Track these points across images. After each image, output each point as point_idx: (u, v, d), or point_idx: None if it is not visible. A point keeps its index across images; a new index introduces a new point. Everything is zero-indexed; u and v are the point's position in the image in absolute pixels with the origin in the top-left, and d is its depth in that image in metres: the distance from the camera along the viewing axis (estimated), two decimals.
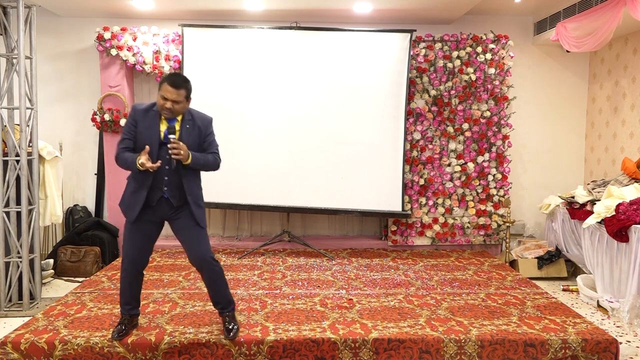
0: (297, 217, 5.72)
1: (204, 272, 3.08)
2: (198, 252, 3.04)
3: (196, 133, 3.04)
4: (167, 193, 3.01)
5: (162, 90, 2.91)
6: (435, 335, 3.14)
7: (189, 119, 3.03)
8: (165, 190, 3.00)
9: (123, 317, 3.15)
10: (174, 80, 2.91)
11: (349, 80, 5.11)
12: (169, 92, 2.88)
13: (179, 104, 2.93)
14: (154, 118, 2.99)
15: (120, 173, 5.36)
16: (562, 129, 5.82)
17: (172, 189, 3.01)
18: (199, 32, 5.13)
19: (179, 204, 3.04)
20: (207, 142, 3.10)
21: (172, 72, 2.92)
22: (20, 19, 3.81)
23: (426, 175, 5.39)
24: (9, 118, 3.95)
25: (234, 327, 3.10)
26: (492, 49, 5.32)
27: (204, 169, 3.09)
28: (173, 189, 3.01)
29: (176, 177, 2.99)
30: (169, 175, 2.98)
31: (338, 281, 4.31)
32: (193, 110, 3.08)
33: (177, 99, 2.90)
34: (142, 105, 3.04)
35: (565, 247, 4.88)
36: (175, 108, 2.92)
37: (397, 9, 5.09)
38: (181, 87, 2.91)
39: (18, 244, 3.93)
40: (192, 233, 3.06)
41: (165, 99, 2.90)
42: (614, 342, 3.12)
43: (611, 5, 4.21)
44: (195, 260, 3.05)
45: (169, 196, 3.01)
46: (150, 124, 2.98)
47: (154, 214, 3.05)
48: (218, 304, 3.16)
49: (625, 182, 4.44)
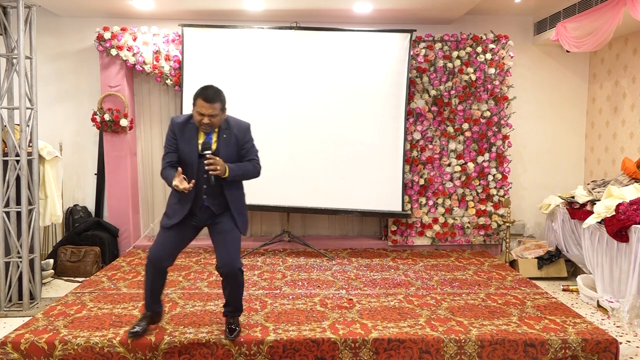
0: (297, 217, 5.73)
1: (227, 280, 3.06)
2: (227, 260, 3.01)
3: (233, 142, 3.03)
4: (206, 201, 3.02)
5: (197, 106, 2.89)
6: (435, 335, 3.14)
7: (225, 128, 3.01)
8: (204, 198, 3.01)
9: (145, 314, 3.16)
10: (207, 94, 2.88)
11: (349, 80, 5.12)
12: (204, 107, 2.87)
13: (216, 117, 2.92)
14: (191, 131, 2.98)
15: (120, 173, 5.40)
16: (562, 129, 5.82)
17: (212, 197, 3.02)
18: (199, 32, 5.13)
19: (219, 211, 3.05)
20: (246, 149, 3.09)
21: (205, 86, 2.93)
22: (20, 19, 3.81)
23: (426, 175, 5.40)
24: (9, 118, 3.95)
25: (236, 329, 3.10)
26: (492, 49, 5.32)
27: (244, 178, 3.09)
28: (213, 197, 3.02)
29: (217, 186, 2.99)
30: (208, 184, 2.96)
31: (338, 281, 4.31)
32: (230, 118, 3.06)
33: (213, 112, 2.89)
34: (179, 118, 3.04)
35: (565, 247, 4.88)
36: (212, 122, 2.91)
37: (397, 9, 5.09)
38: (215, 101, 2.89)
39: (18, 244, 3.93)
40: (226, 239, 3.04)
41: (201, 115, 2.89)
42: (614, 342, 3.12)
43: (611, 5, 4.21)
44: (222, 266, 3.02)
45: (209, 204, 3.02)
46: (189, 137, 2.98)
47: (195, 219, 3.06)
48: (228, 306, 3.16)
49: (625, 182, 4.44)
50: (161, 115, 5.63)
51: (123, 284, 4.18)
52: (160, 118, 5.63)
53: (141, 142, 5.67)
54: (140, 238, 5.65)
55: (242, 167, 3.04)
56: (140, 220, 5.71)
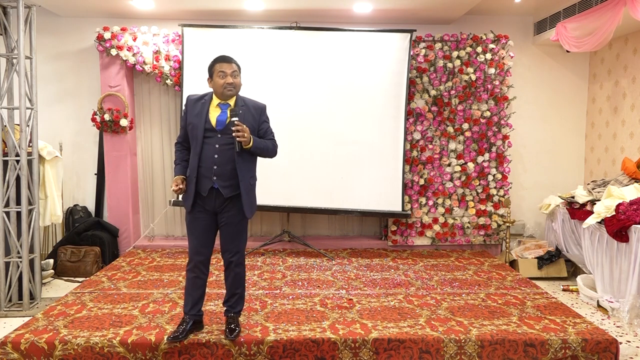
0: (297, 217, 5.72)
1: (229, 271, 3.10)
2: (231, 251, 3.06)
3: (250, 119, 3.02)
4: (216, 183, 2.96)
5: (216, 69, 2.94)
6: (435, 335, 3.14)
7: (241, 104, 3.02)
8: (214, 180, 2.95)
9: (184, 318, 3.11)
10: (224, 57, 2.97)
11: (349, 80, 5.12)
12: (227, 67, 2.93)
13: (237, 77, 2.97)
14: (203, 106, 2.99)
15: (120, 173, 5.40)
16: (562, 129, 5.82)
17: (222, 179, 2.96)
18: (199, 32, 5.13)
19: (230, 194, 2.99)
20: (263, 129, 3.09)
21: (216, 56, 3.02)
22: (20, 19, 3.81)
23: (426, 175, 5.39)
24: (9, 118, 3.95)
25: (236, 329, 3.10)
26: (492, 49, 5.32)
27: (263, 153, 3.07)
28: (224, 179, 2.96)
29: (227, 166, 2.95)
30: (218, 164, 2.94)
31: (338, 281, 4.31)
32: (245, 98, 3.08)
33: (234, 69, 2.95)
34: (194, 95, 3.07)
35: (565, 247, 4.88)
36: (235, 82, 2.95)
37: (397, 9, 5.09)
38: (233, 61, 2.97)
39: (18, 244, 3.93)
40: (233, 230, 3.05)
41: (224, 74, 2.92)
42: (614, 342, 3.12)
43: (611, 5, 4.21)
44: (227, 257, 3.07)
45: (219, 186, 2.96)
46: (199, 111, 2.98)
47: (206, 204, 3.01)
48: (228, 302, 3.17)
49: (625, 182, 4.44)
50: (161, 115, 5.63)
51: (123, 284, 4.18)
52: (160, 118, 5.63)
53: (141, 142, 5.67)
54: (140, 238, 5.65)
55: (264, 142, 3.05)
56: (140, 220, 5.71)
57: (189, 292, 3.11)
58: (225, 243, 3.08)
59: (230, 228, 3.05)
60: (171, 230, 5.76)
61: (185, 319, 3.10)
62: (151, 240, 5.60)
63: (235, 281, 3.12)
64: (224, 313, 3.20)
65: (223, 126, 2.95)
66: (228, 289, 3.15)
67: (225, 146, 2.94)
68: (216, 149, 2.94)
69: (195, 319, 3.13)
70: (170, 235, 5.76)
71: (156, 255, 5.12)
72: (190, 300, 3.10)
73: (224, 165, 2.94)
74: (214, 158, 2.94)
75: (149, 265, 4.76)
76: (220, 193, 2.97)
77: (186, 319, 3.10)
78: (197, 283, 3.10)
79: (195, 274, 3.08)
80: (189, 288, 3.11)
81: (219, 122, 2.96)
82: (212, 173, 2.94)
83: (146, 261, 4.91)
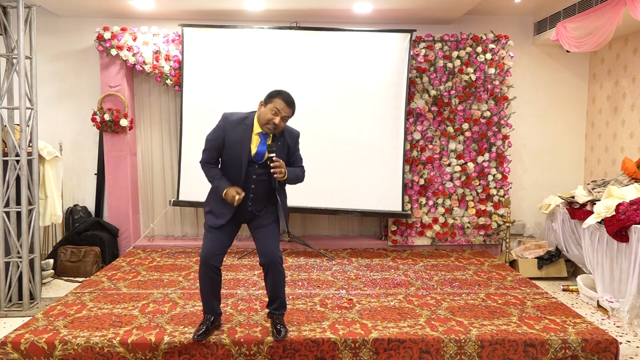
0: (297, 217, 5.72)
1: (269, 272, 3.10)
2: (269, 252, 3.07)
3: (285, 149, 3.07)
4: (251, 207, 3.06)
5: (274, 104, 2.89)
6: (435, 335, 3.14)
7: (279, 135, 3.03)
8: (249, 204, 3.04)
9: (205, 317, 3.16)
10: (288, 97, 2.92)
11: (349, 81, 5.11)
12: (284, 109, 2.90)
13: (285, 121, 2.96)
14: (245, 132, 2.97)
15: (120, 173, 5.40)
16: (562, 129, 5.82)
17: (257, 205, 3.07)
18: (199, 32, 5.13)
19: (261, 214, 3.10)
20: (295, 156, 3.15)
21: (281, 90, 2.96)
22: (20, 19, 3.81)
23: (426, 175, 5.39)
24: (9, 118, 3.95)
25: (282, 329, 3.11)
26: (492, 49, 5.32)
27: (293, 182, 3.14)
28: (258, 204, 3.07)
29: (262, 194, 3.04)
30: (254, 192, 3.02)
31: (338, 281, 4.31)
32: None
33: (288, 115, 2.94)
34: (233, 116, 3.02)
35: (565, 247, 4.88)
36: (281, 126, 2.94)
37: (397, 9, 5.09)
38: (293, 107, 2.95)
39: (18, 244, 3.93)
40: (267, 232, 3.09)
41: (276, 114, 2.89)
42: (614, 342, 3.12)
43: (611, 5, 4.21)
44: (264, 258, 3.08)
45: (253, 209, 3.07)
46: (242, 138, 2.96)
47: (237, 218, 3.09)
48: (273, 304, 3.18)
49: (625, 182, 4.44)
50: (161, 115, 5.63)
51: (123, 284, 4.18)
52: (160, 118, 5.63)
53: (141, 142, 5.67)
54: (140, 238, 5.65)
55: (295, 171, 3.11)
56: (140, 220, 5.71)
57: (208, 293, 3.13)
58: (261, 246, 3.10)
59: (263, 231, 3.10)
60: (171, 230, 5.75)
61: (208, 317, 3.15)
62: (151, 240, 5.60)
63: (276, 282, 3.13)
64: (268, 315, 3.22)
65: (262, 159, 2.98)
66: (270, 290, 3.16)
67: (261, 176, 2.99)
68: (253, 179, 2.99)
69: (215, 317, 3.18)
70: (170, 235, 5.76)
71: (156, 255, 5.12)
72: (209, 300, 3.14)
73: (260, 192, 3.04)
74: (251, 187, 3.00)
75: (149, 265, 4.76)
76: (254, 213, 3.08)
77: (208, 317, 3.15)
78: (215, 283, 3.13)
79: (211, 276, 3.10)
80: (207, 289, 3.13)
81: (258, 153, 2.98)
82: (249, 200, 3.03)
83: (146, 261, 4.91)
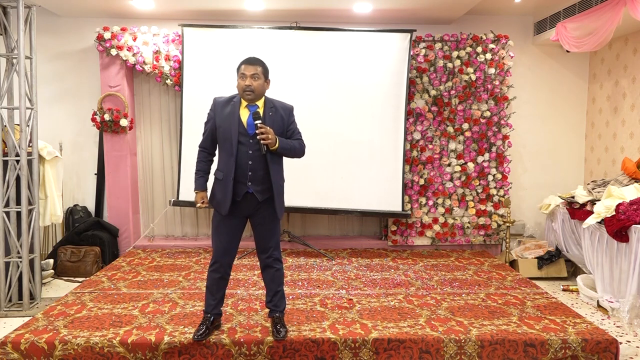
0: (297, 217, 5.72)
1: (268, 270, 3.13)
2: (267, 250, 3.10)
3: (279, 121, 3.04)
4: (251, 188, 2.99)
5: (239, 70, 2.96)
6: (435, 335, 3.14)
7: (270, 106, 3.04)
8: (249, 185, 2.98)
9: (205, 316, 3.16)
10: (248, 58, 2.98)
11: (349, 80, 5.11)
12: (247, 69, 2.94)
13: (257, 80, 2.95)
14: (234, 108, 2.99)
15: (120, 173, 5.40)
16: (562, 129, 5.82)
17: (256, 184, 2.99)
18: (199, 32, 5.13)
19: (263, 198, 3.03)
20: (291, 130, 3.11)
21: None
22: (20, 19, 3.81)
23: (426, 175, 5.39)
24: (9, 118, 3.95)
25: (282, 329, 3.12)
26: (492, 49, 5.32)
27: (290, 154, 3.08)
28: (257, 184, 3.00)
29: (260, 171, 2.98)
30: (253, 170, 2.97)
31: (338, 281, 4.31)
32: (274, 100, 3.10)
33: (255, 72, 2.93)
34: (221, 98, 3.07)
35: (565, 247, 4.88)
36: (254, 85, 2.93)
37: (397, 9, 5.09)
38: (256, 63, 2.97)
39: (18, 244, 3.93)
40: (267, 230, 3.09)
41: (244, 77, 2.93)
42: (614, 342, 3.12)
43: (611, 5, 4.21)
44: (262, 257, 3.11)
45: (253, 191, 3.00)
46: (229, 113, 2.98)
47: (240, 209, 3.04)
48: (271, 302, 3.19)
49: (625, 182, 4.44)
50: (161, 115, 5.63)
51: (123, 284, 4.18)
52: (160, 118, 5.63)
53: (141, 142, 5.67)
54: (140, 238, 5.65)
55: (290, 142, 3.06)
56: (140, 220, 5.71)
57: (213, 292, 3.14)
58: (261, 243, 3.13)
59: (264, 228, 3.09)
60: (171, 230, 5.75)
61: (208, 317, 3.14)
62: (151, 240, 5.60)
63: (274, 279, 3.15)
64: (269, 314, 3.22)
65: (254, 130, 2.95)
66: (269, 288, 3.18)
67: (257, 152, 2.97)
68: (250, 155, 2.97)
69: (215, 317, 3.19)
70: (170, 235, 5.76)
71: (156, 255, 5.12)
72: (213, 299, 3.15)
73: (258, 170, 2.99)
74: (249, 164, 2.97)
75: (149, 265, 4.76)
76: (255, 197, 3.02)
77: (209, 317, 3.14)
78: (222, 283, 3.15)
79: (221, 274, 3.11)
80: (213, 288, 3.13)
81: (249, 125, 2.98)
82: (247, 179, 2.98)
83: (146, 261, 4.91)
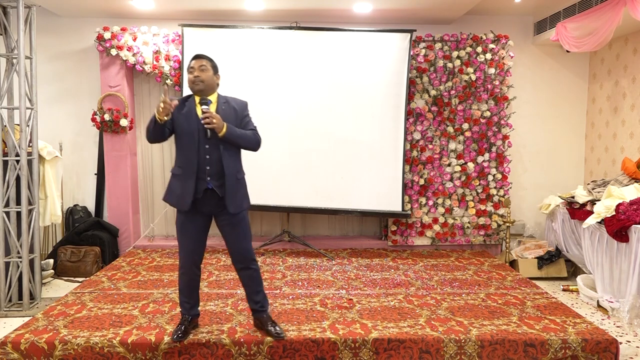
0: (297, 217, 5.73)
1: (244, 273, 3.12)
2: (240, 252, 3.08)
3: (232, 114, 3.04)
4: (210, 183, 2.97)
5: (188, 69, 2.99)
6: (435, 335, 3.14)
7: (223, 101, 3.05)
8: (208, 180, 2.96)
9: (183, 317, 3.16)
10: (195, 55, 3.02)
11: (349, 80, 5.11)
12: (194, 64, 2.97)
13: (205, 72, 2.96)
14: (189, 104, 3.01)
15: (120, 173, 5.40)
16: (562, 129, 5.82)
17: (215, 178, 2.96)
18: (199, 32, 5.13)
19: (224, 193, 2.99)
20: (244, 122, 3.10)
21: None
22: (20, 19, 3.81)
23: (426, 175, 5.40)
24: (9, 118, 3.95)
25: (276, 326, 3.14)
26: (492, 49, 5.32)
27: (242, 142, 3.03)
28: (217, 178, 2.97)
29: (218, 164, 2.96)
30: (210, 164, 2.95)
31: (338, 281, 4.31)
32: (228, 96, 3.11)
33: (202, 64, 2.95)
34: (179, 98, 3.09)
35: (565, 247, 4.88)
36: (203, 77, 2.94)
37: (397, 9, 5.09)
38: (203, 57, 3.00)
39: (18, 244, 3.93)
40: (234, 231, 3.06)
41: (192, 72, 2.96)
42: (614, 342, 3.12)
43: (611, 5, 4.21)
44: (236, 259, 3.10)
45: (213, 186, 2.97)
46: (187, 110, 2.99)
47: (202, 206, 3.01)
48: (257, 303, 3.18)
49: (625, 182, 4.44)
50: None
51: (123, 284, 4.18)
52: None
53: (141, 142, 5.67)
54: (140, 238, 5.65)
55: (241, 130, 3.03)
56: (140, 220, 5.71)
57: (187, 295, 3.14)
58: (231, 245, 3.09)
59: (231, 228, 3.05)
60: (171, 230, 5.75)
61: (186, 317, 3.14)
62: (151, 240, 5.60)
63: (254, 279, 3.14)
64: (255, 315, 3.21)
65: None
66: (250, 290, 3.16)
67: (214, 145, 2.95)
68: (207, 149, 2.95)
69: (193, 317, 3.19)
70: (170, 235, 5.76)
71: (156, 255, 5.12)
72: (188, 302, 3.14)
73: (216, 163, 2.96)
74: (206, 158, 2.95)
75: (149, 265, 4.76)
76: (215, 193, 2.98)
77: (187, 317, 3.14)
78: (192, 284, 3.13)
79: (189, 276, 3.10)
80: (186, 290, 3.13)
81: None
82: (206, 173, 2.95)
83: (146, 261, 4.91)
